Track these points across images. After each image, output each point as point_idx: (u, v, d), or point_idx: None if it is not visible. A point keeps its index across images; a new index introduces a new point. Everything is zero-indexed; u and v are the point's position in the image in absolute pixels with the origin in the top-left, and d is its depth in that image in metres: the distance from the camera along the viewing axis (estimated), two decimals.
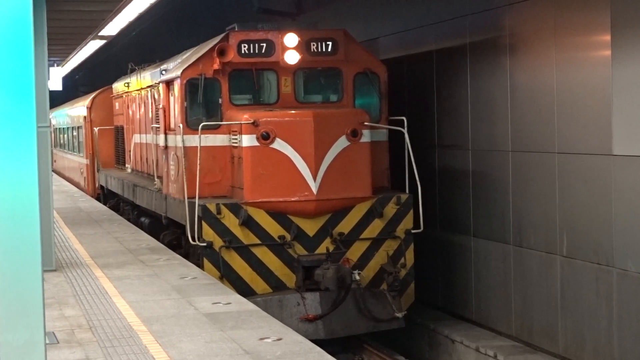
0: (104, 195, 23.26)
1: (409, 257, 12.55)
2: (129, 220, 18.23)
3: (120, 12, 15.19)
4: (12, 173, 3.79)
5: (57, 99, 32.82)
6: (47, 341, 8.04)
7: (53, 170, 33.62)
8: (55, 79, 26.31)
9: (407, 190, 12.68)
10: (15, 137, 3.79)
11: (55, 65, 25.55)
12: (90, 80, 34.43)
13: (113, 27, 17.47)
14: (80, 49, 22.61)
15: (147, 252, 13.56)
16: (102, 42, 20.69)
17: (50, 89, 18.72)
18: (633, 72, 10.03)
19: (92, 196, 24.45)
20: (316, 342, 8.36)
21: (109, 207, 21.12)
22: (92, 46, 21.88)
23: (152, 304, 9.78)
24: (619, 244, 10.46)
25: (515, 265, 12.48)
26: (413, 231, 12.52)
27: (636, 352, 10.24)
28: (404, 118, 12.70)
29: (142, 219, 17.73)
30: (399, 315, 12.08)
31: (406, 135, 12.53)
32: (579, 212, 11.22)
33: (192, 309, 9.49)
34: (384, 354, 12.21)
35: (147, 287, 10.81)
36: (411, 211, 12.51)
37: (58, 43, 20.12)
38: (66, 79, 32.32)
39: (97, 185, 24.50)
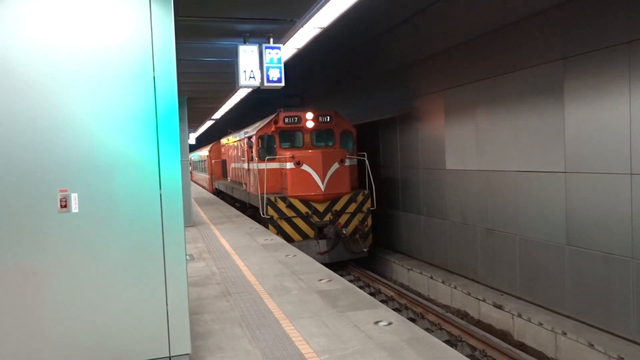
0: (217, 192, 22.89)
1: (369, 221, 12.21)
2: (228, 204, 18.15)
3: (222, 106, 15.30)
4: (171, 181, 3.72)
5: (193, 148, 33.04)
6: (188, 258, 8.27)
7: (192, 180, 33.78)
8: (192, 139, 26.30)
9: (367, 188, 12.29)
10: (171, 165, 3.73)
11: (192, 131, 25.53)
12: (210, 137, 34.32)
13: (219, 113, 17.56)
14: (203, 123, 22.64)
15: (234, 217, 13.58)
16: (213, 121, 20.72)
17: (190, 143, 18.92)
18: (453, 133, 10.13)
19: (211, 193, 24.38)
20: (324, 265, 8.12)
21: (219, 198, 21.03)
22: (208, 122, 21.89)
23: (237, 241, 9.86)
24: (449, 208, 10.57)
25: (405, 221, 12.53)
26: (371, 209, 12.21)
27: (457, 259, 10.37)
28: (364, 153, 12.50)
29: (236, 203, 17.38)
30: (365, 250, 11.89)
31: (367, 162, 12.27)
32: (431, 196, 11.26)
33: (255, 243, 9.55)
34: (359, 270, 11.97)
35: (234, 232, 10.90)
36: (370, 199, 12.18)
37: (193, 121, 20.11)
38: (198, 138, 32.29)
39: (214, 187, 24.21)
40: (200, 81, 10.70)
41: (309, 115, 12.61)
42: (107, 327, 3.63)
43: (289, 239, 11.39)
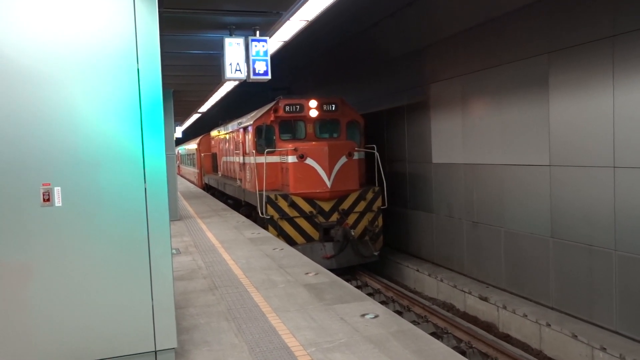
0: (207, 187, 22.39)
1: (380, 221, 11.19)
2: (220, 200, 17.55)
3: (208, 99, 15.14)
4: (156, 174, 3.68)
5: (180, 142, 32.64)
6: (174, 252, 8.18)
7: (180, 175, 33.48)
8: (178, 132, 25.93)
9: (377, 185, 11.47)
10: (156, 159, 3.69)
11: (178, 125, 25.18)
12: (197, 130, 33.96)
13: (206, 106, 17.33)
14: (190, 117, 22.36)
15: (222, 211, 13.45)
16: (200, 114, 20.44)
17: (176, 137, 18.67)
18: (439, 126, 10.13)
19: (200, 187, 24.08)
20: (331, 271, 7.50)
21: (210, 194, 20.42)
22: (195, 116, 21.59)
23: (224, 234, 9.77)
24: (435, 202, 10.60)
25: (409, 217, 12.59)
26: (382, 207, 11.22)
27: (443, 252, 10.42)
28: (374, 145, 11.62)
29: (229, 200, 16.66)
30: (375, 253, 10.98)
31: (377, 154, 11.37)
32: (416, 189, 11.28)
33: (242, 236, 9.48)
34: (367, 274, 11.25)
35: (221, 226, 10.78)
36: (380, 196, 11.20)
37: (179, 114, 19.83)
38: (184, 132, 31.97)
39: (203, 182, 23.61)
40: (186, 74, 10.58)
41: (313, 103, 11.56)
42: (92, 322, 3.60)
43: (291, 241, 10.41)
